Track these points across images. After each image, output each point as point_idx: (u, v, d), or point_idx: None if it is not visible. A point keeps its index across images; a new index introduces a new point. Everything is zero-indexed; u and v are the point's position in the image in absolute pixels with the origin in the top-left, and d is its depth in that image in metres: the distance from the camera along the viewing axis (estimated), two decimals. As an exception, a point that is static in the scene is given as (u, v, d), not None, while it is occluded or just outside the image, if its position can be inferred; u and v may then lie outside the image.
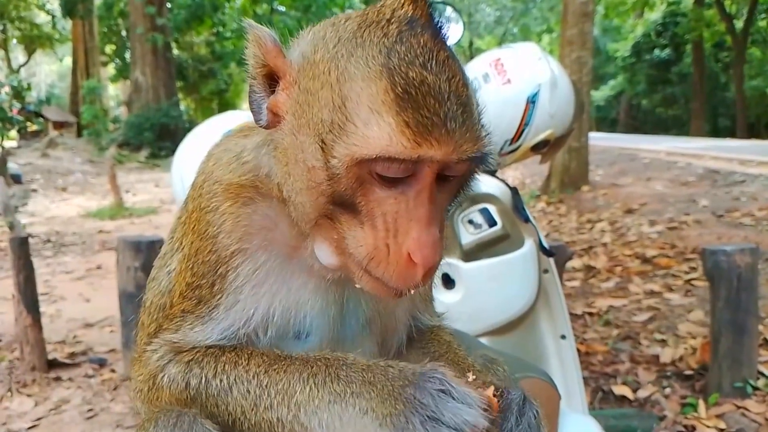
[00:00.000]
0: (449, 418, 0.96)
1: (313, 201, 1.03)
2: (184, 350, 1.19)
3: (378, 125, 0.94)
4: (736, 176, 12.21)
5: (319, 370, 1.06)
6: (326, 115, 0.98)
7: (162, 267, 1.31)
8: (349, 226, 1.03)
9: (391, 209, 1.00)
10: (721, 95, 38.88)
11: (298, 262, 1.19)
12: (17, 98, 28.71)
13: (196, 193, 1.23)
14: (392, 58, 0.96)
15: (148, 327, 1.29)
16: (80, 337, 6.20)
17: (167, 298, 1.25)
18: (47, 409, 4.59)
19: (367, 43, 0.99)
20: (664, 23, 39.25)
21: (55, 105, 40.29)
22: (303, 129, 1.02)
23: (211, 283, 1.18)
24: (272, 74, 1.08)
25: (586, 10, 12.48)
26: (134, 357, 1.30)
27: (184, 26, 32.89)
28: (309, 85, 1.02)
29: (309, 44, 1.06)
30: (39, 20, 44.44)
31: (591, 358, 4.91)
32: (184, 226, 1.26)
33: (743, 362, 4.18)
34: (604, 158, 18.55)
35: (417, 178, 0.99)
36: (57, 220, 14.66)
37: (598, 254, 7.98)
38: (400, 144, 0.93)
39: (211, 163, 1.24)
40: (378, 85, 0.95)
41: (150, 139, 28.36)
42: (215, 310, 1.18)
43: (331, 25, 1.07)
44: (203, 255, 1.18)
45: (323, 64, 1.01)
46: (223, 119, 2.74)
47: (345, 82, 0.97)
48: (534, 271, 2.69)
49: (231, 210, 1.16)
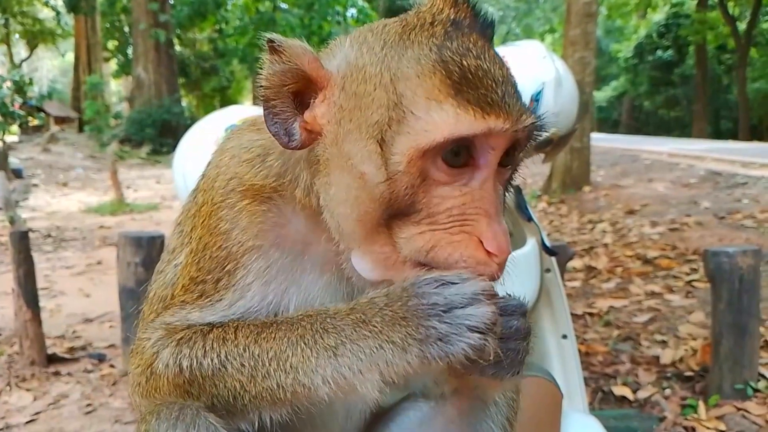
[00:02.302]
0: (462, 299, 0.94)
1: (364, 209, 0.99)
2: (178, 330, 1.17)
3: (440, 110, 0.94)
4: (738, 178, 12.19)
5: (305, 331, 1.03)
6: (382, 115, 0.97)
7: (170, 260, 1.30)
8: (407, 229, 0.99)
9: (457, 203, 0.98)
10: (724, 97, 38.85)
11: (309, 259, 1.17)
12: (19, 93, 28.69)
13: (208, 185, 1.21)
14: (444, 53, 0.97)
15: (147, 317, 1.29)
16: (80, 332, 6.20)
17: (170, 290, 1.24)
18: (46, 404, 4.58)
19: (415, 44, 0.99)
20: (667, 24, 39.20)
21: (57, 100, 40.25)
22: (352, 134, 1.00)
23: (216, 279, 1.16)
24: (300, 91, 1.05)
25: (590, 11, 12.47)
26: (132, 349, 1.28)
27: (186, 23, 32.92)
28: (358, 89, 1.00)
29: (351, 50, 1.05)
30: (41, 15, 44.45)
31: (591, 359, 4.90)
32: (194, 219, 1.24)
33: (744, 364, 4.17)
34: (605, 159, 18.54)
35: (481, 166, 0.99)
36: (58, 215, 14.66)
37: (599, 255, 7.97)
38: (466, 120, 0.93)
39: (227, 158, 1.22)
40: (434, 78, 0.95)
41: (151, 136, 28.36)
42: (218, 303, 1.17)
43: (369, 31, 1.07)
44: (212, 250, 1.16)
45: (372, 67, 1.00)
46: (224, 115, 2.72)
47: (399, 81, 0.97)
48: (536, 271, 2.68)
49: (248, 208, 1.15)
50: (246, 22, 32.74)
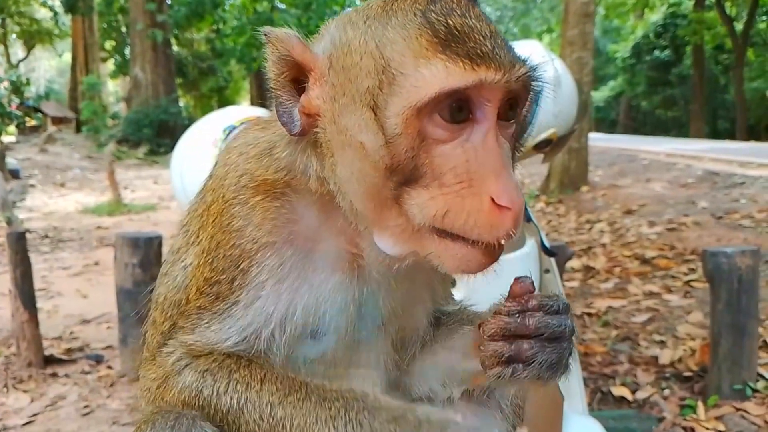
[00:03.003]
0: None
1: (371, 180, 0.98)
2: (202, 354, 1.16)
3: (429, 65, 0.93)
4: (735, 178, 12.20)
5: (337, 414, 1.04)
6: (371, 81, 0.97)
7: (176, 261, 1.28)
8: (417, 196, 0.97)
9: (461, 160, 0.96)
10: (721, 97, 38.93)
11: (320, 257, 1.17)
12: (16, 93, 28.63)
13: (217, 184, 1.20)
14: (429, 15, 0.97)
15: (161, 325, 1.25)
16: (77, 333, 6.18)
17: (183, 294, 1.22)
18: (43, 406, 4.57)
19: (399, 12, 1.00)
20: (665, 25, 39.27)
21: (54, 100, 40.20)
22: (347, 108, 1.00)
23: (231, 279, 1.15)
24: (297, 78, 1.07)
25: (588, 11, 12.48)
26: (146, 357, 1.27)
27: (184, 23, 32.81)
28: (345, 62, 1.01)
29: (336, 30, 1.06)
30: (38, 15, 44.36)
31: (590, 359, 4.89)
32: (202, 218, 1.23)
33: (743, 364, 4.17)
34: (603, 159, 18.56)
35: (479, 120, 0.97)
36: (55, 216, 14.62)
37: (597, 255, 7.97)
38: (457, 72, 0.92)
39: (235, 155, 1.21)
40: (421, 38, 0.95)
41: (149, 136, 28.34)
42: (234, 306, 1.15)
43: (353, 11, 1.09)
44: (225, 249, 1.15)
45: (357, 39, 1.01)
46: (222, 115, 2.72)
47: (385, 47, 0.97)
48: (535, 271, 2.67)
49: (261, 204, 1.14)
50: (243, 22, 32.67)
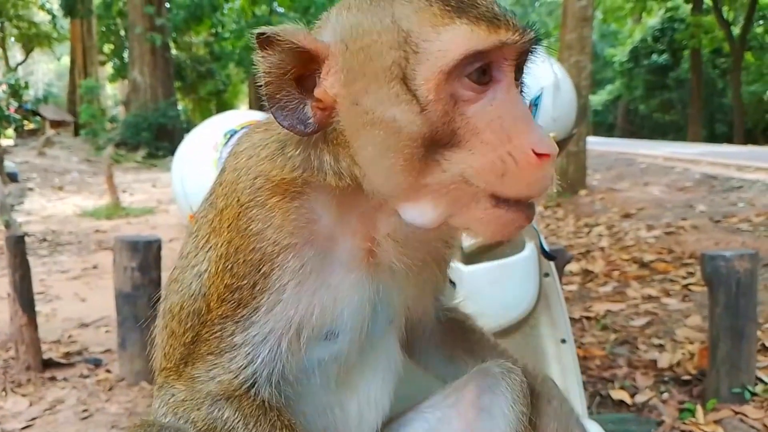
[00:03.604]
0: None
1: (408, 152, 0.97)
2: (231, 396, 1.16)
3: (451, 32, 0.96)
4: (733, 182, 12.23)
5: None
6: (395, 55, 0.97)
7: (187, 267, 1.24)
8: (456, 158, 0.98)
9: (494, 115, 0.98)
10: (719, 101, 38.98)
11: (337, 257, 1.16)
12: (14, 96, 28.57)
13: (229, 189, 1.18)
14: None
15: (183, 336, 1.22)
16: (75, 336, 6.17)
17: (202, 302, 1.19)
18: (42, 409, 4.56)
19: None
20: (662, 29, 39.35)
21: (53, 104, 40.15)
22: (370, 87, 0.99)
23: (253, 284, 1.13)
24: (301, 75, 1.05)
25: (586, 15, 12.52)
26: (168, 367, 1.24)
27: (182, 26, 32.86)
28: (362, 42, 1.00)
29: (341, 15, 1.05)
30: (37, 19, 44.36)
31: (589, 363, 4.90)
32: (213, 223, 1.20)
33: (741, 368, 4.17)
34: (601, 162, 18.59)
35: (500, 79, 1.01)
36: (53, 219, 14.60)
37: (596, 258, 7.98)
38: (480, 35, 0.96)
39: (244, 159, 1.19)
40: (433, 7, 0.98)
41: (147, 139, 28.30)
42: (255, 312, 1.14)
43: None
44: (245, 254, 1.13)
45: (369, 19, 1.01)
46: (223, 120, 2.72)
47: (401, 21, 0.98)
48: (535, 275, 2.68)
49: (280, 205, 1.12)
50: (242, 25, 32.74)
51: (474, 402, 1.33)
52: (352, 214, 1.15)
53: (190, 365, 1.19)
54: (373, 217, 1.16)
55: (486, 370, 1.36)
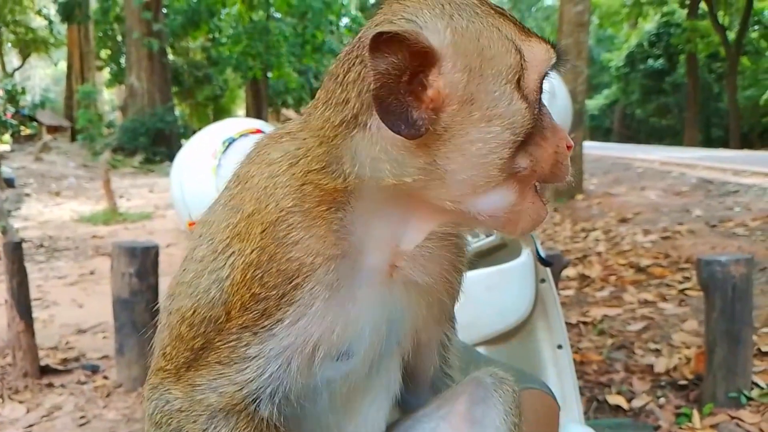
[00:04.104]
0: None
1: (511, 146, 1.06)
2: (230, 412, 1.14)
3: (537, 46, 1.11)
4: (729, 186, 12.27)
5: None
6: (513, 58, 1.07)
7: (204, 272, 1.17)
8: (530, 150, 1.10)
9: (547, 116, 1.13)
10: (715, 105, 39.15)
11: (365, 271, 1.14)
12: (11, 102, 28.65)
13: (263, 194, 1.12)
14: (495, 8, 1.15)
15: (192, 341, 1.16)
16: (73, 343, 6.17)
17: (221, 310, 1.13)
18: (39, 416, 4.55)
19: (472, 7, 1.11)
20: (658, 33, 39.52)
21: (50, 109, 40.14)
22: (488, 87, 1.05)
23: (281, 295, 1.08)
24: (412, 75, 1.04)
25: (582, 20, 12.58)
26: (167, 368, 1.20)
27: (180, 31, 32.93)
28: (478, 45, 1.06)
29: (440, 19, 1.06)
30: (34, 24, 44.37)
31: (586, 368, 4.91)
32: (236, 228, 1.14)
33: (737, 372, 4.19)
34: (598, 167, 18.65)
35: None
36: (50, 225, 14.59)
37: (593, 263, 8.00)
38: (551, 52, 1.13)
39: (286, 165, 1.13)
40: (516, 24, 1.13)
41: (145, 144, 28.28)
42: (278, 324, 1.09)
43: (422, 5, 1.10)
44: (279, 263, 1.08)
45: (476, 24, 1.07)
46: (221, 127, 2.73)
47: (502, 28, 1.09)
48: (531, 281, 2.69)
49: (326, 215, 1.09)
50: (239, 30, 32.78)
51: (466, 414, 1.32)
52: (383, 228, 1.13)
53: (193, 371, 1.15)
54: (401, 231, 1.15)
55: (478, 380, 1.35)
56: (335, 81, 1.12)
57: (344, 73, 1.10)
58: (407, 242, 1.15)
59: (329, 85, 1.13)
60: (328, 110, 1.11)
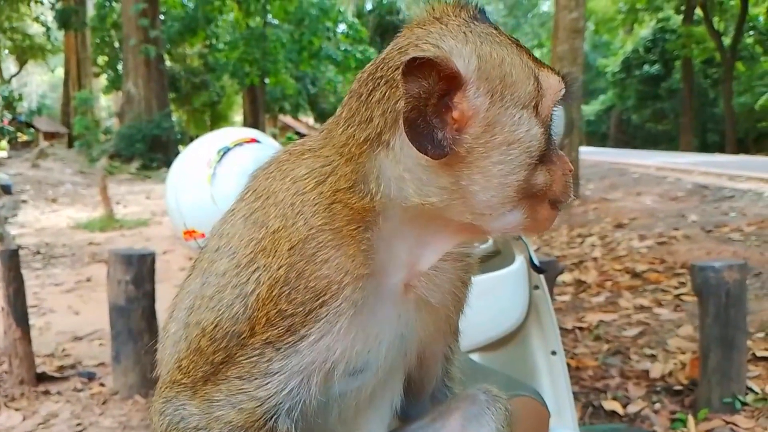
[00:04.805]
0: None
1: (529, 167, 1.12)
2: (249, 429, 1.13)
3: (551, 76, 1.17)
4: (725, 191, 12.31)
5: None
6: (532, 85, 1.12)
7: (227, 286, 1.16)
8: (543, 172, 1.15)
9: (554, 142, 1.19)
10: (710, 111, 39.28)
11: (386, 290, 1.15)
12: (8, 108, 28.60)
13: (291, 211, 1.12)
14: (510, 38, 1.20)
15: (213, 354, 1.15)
16: (69, 350, 6.16)
17: (245, 325, 1.12)
18: (36, 423, 4.55)
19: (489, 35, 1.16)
20: (654, 39, 39.71)
21: (46, 115, 40.11)
22: (507, 111, 1.10)
23: (308, 311, 1.08)
24: (441, 96, 1.07)
25: (577, 26, 12.64)
26: (184, 382, 1.18)
27: (177, 38, 32.93)
28: (500, 71, 1.10)
29: (465, 45, 1.10)
30: (31, 31, 44.37)
31: (581, 373, 4.93)
32: (261, 243, 1.13)
33: (732, 377, 4.21)
34: (594, 172, 18.69)
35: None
36: (47, 232, 14.56)
37: (589, 268, 8.01)
38: (561, 82, 1.18)
39: (313, 183, 1.14)
40: (529, 56, 1.18)
41: (141, 151, 28.22)
42: (302, 341, 1.09)
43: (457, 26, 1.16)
44: (307, 280, 1.08)
45: (498, 51, 1.12)
46: (217, 137, 2.74)
47: (520, 56, 1.15)
48: (524, 288, 2.71)
49: (355, 234, 1.10)
50: (236, 37, 32.83)
51: (459, 431, 1.34)
52: (404, 247, 1.15)
53: (211, 385, 1.14)
54: (419, 251, 1.18)
55: (472, 397, 1.38)
56: (359, 100, 1.14)
57: (368, 93, 1.13)
58: (425, 262, 1.18)
59: (352, 103, 1.16)
60: (352, 127, 1.14)
